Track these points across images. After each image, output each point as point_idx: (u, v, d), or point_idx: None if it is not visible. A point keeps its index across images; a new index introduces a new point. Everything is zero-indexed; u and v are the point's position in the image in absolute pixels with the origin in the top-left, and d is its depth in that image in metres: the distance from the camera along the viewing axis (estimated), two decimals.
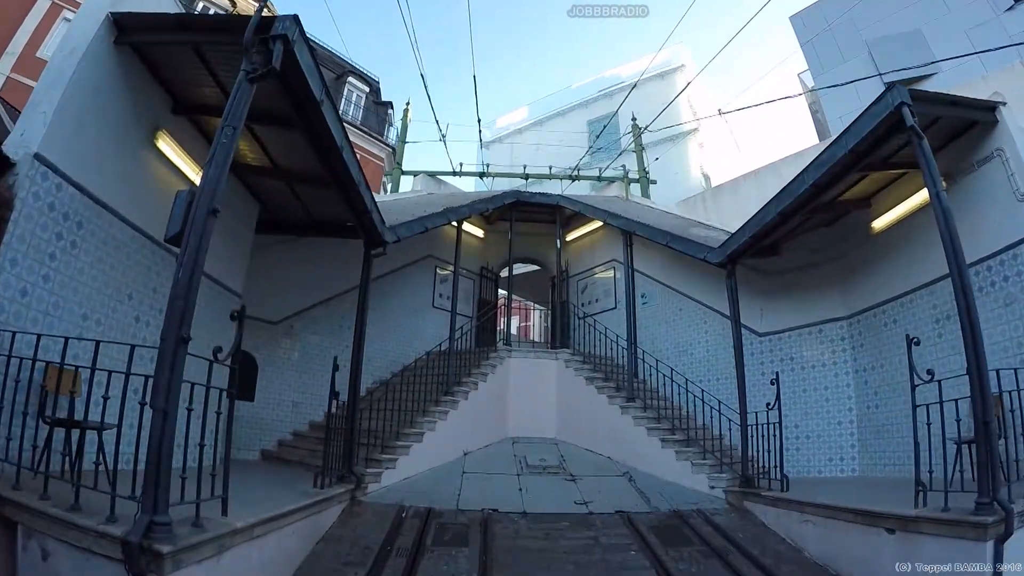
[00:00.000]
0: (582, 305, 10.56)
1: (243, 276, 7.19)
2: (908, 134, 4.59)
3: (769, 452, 5.99)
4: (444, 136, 10.22)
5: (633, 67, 20.87)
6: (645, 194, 12.71)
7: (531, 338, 22.45)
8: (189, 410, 3.10)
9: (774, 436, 5.97)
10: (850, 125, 5.45)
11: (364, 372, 9.61)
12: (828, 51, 15.46)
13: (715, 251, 7.79)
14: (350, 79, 23.05)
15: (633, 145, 13.78)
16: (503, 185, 12.42)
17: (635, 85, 12.03)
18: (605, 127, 14.47)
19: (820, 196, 6.32)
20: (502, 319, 11.93)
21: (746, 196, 10.61)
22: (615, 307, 10.79)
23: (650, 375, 8.70)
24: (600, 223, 11.57)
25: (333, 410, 5.58)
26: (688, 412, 8.08)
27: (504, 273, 12.06)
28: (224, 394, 3.48)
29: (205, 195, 3.17)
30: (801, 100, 23.28)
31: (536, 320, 25.77)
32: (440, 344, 8.68)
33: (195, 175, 5.89)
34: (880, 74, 13.31)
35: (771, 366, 8.46)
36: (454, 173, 12.46)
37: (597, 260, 11.56)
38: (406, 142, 12.92)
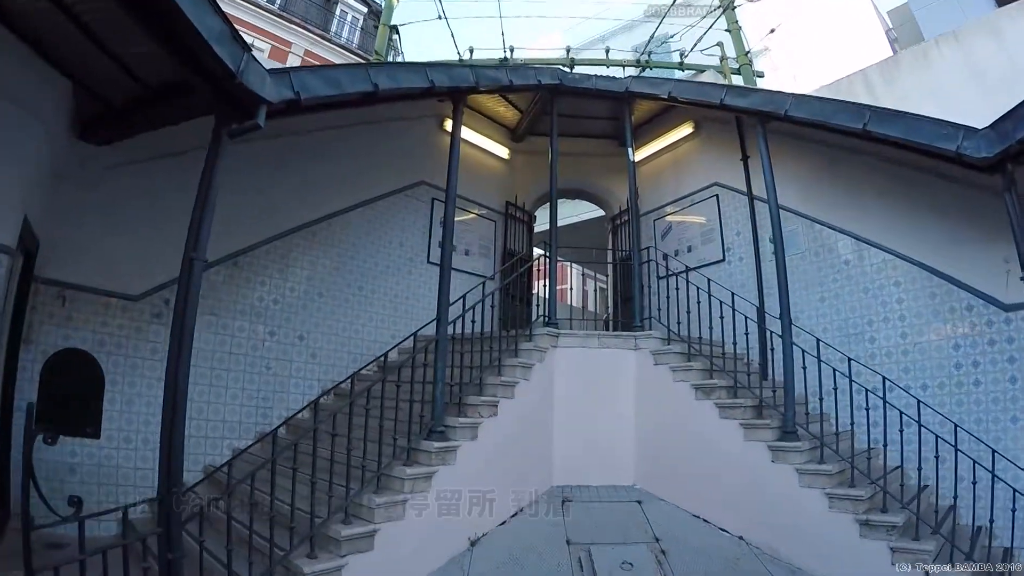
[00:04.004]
0: (664, 258, 6.63)
1: (28, 212, 3.47)
2: None
3: None
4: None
5: None
6: (750, 84, 8.41)
7: (567, 303, 18.42)
8: None
9: None
10: None
11: (305, 374, 5.51)
12: None
13: (981, 135, 3.70)
14: None
15: (727, 24, 9.31)
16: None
17: None
18: (653, 35, 10.38)
19: None
20: (538, 283, 8.05)
21: (951, 70, 6.24)
22: (723, 259, 6.75)
23: (802, 374, 4.65)
24: (688, 131, 7.41)
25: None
26: (866, 445, 4.18)
27: (543, 215, 8.10)
28: None
29: None
30: (876, 28, 18.74)
31: (574, 279, 21.60)
32: (423, 326, 4.89)
33: None
34: None
35: None
36: (461, 64, 8.36)
37: (685, 188, 7.42)
38: (390, 25, 8.80)
